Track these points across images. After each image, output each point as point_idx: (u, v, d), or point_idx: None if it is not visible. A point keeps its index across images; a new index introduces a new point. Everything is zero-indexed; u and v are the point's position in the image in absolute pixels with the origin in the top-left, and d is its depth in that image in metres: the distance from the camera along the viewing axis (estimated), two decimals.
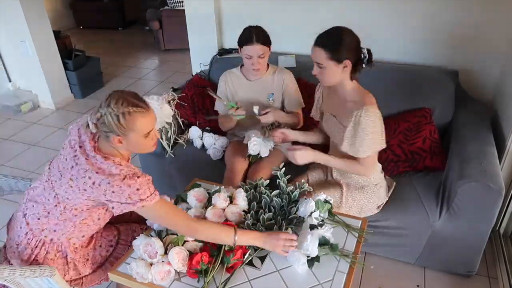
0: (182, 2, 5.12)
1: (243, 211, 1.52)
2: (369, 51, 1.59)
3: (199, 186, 1.61)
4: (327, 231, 1.35)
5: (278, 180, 1.59)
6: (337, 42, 1.52)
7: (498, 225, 2.15)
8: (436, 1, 2.27)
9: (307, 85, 2.41)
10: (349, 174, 1.78)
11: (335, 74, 1.57)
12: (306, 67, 2.45)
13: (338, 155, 1.73)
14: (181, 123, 2.35)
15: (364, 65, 1.60)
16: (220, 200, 1.49)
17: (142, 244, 1.30)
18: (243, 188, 1.59)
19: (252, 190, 1.60)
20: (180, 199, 1.58)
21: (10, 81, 3.98)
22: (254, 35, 1.89)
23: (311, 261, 1.30)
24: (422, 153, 2.08)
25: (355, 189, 1.79)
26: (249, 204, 1.54)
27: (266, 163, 2.01)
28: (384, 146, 1.63)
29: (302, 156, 1.66)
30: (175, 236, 1.36)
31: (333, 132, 1.74)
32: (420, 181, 2.00)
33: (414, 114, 2.17)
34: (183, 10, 2.98)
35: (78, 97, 4.11)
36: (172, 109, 2.14)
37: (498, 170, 1.76)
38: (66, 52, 3.97)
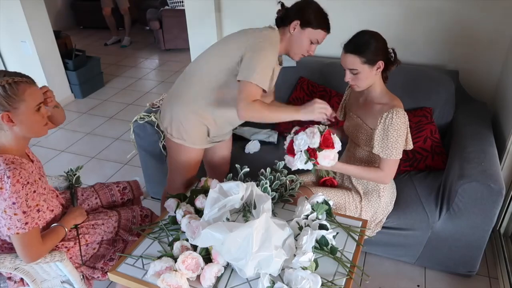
0: (182, 2, 5.12)
1: None
2: (393, 50, 1.59)
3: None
4: (330, 233, 1.34)
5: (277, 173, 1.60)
6: (367, 45, 1.52)
7: (499, 225, 2.15)
8: (436, 1, 2.27)
9: (309, 83, 2.41)
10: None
11: (369, 77, 1.58)
12: (307, 66, 2.46)
13: (355, 157, 1.75)
14: None
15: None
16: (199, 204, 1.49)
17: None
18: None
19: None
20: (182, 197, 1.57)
21: None
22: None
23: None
24: (423, 153, 2.08)
25: (371, 195, 1.77)
26: None
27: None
28: (411, 147, 1.63)
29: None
30: None
31: (356, 133, 1.73)
32: (421, 181, 2.00)
33: (415, 113, 2.17)
34: (183, 10, 2.98)
35: (78, 97, 4.11)
36: None
37: (498, 170, 1.76)
38: (66, 52, 3.96)
